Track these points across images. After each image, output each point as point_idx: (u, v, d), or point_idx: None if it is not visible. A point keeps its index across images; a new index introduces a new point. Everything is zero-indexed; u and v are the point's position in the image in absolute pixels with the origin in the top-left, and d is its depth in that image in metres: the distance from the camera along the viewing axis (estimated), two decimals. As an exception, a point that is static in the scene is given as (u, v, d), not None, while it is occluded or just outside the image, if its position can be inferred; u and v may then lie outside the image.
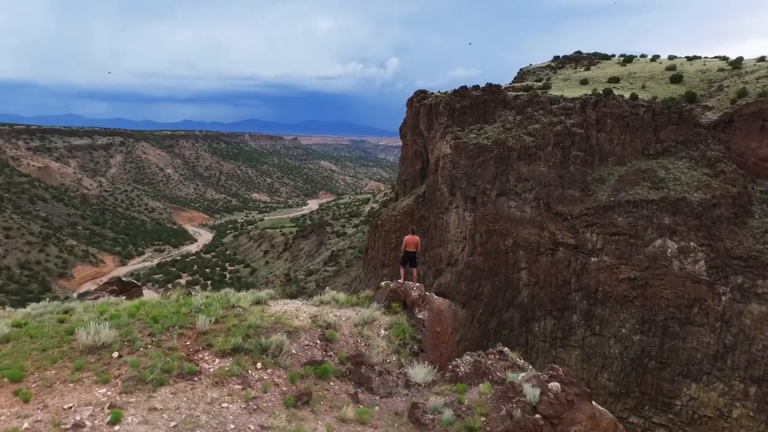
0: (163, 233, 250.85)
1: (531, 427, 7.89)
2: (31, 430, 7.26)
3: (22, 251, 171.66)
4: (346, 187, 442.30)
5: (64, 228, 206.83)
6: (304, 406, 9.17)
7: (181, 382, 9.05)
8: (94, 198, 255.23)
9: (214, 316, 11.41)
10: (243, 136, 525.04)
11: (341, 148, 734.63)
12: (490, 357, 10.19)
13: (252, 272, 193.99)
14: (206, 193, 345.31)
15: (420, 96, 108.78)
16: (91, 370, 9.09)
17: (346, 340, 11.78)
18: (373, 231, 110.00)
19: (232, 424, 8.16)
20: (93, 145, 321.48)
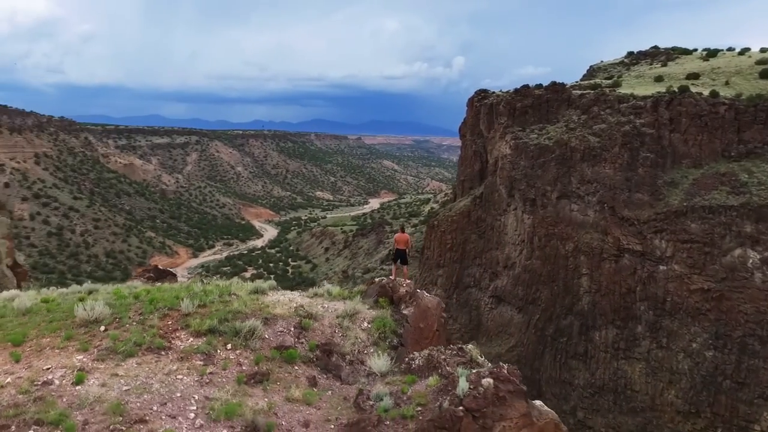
0: (232, 228, 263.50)
1: (449, 417, 7.96)
2: (10, 384, 8.34)
3: (108, 241, 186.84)
4: (408, 187, 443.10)
5: (144, 221, 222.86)
6: (257, 385, 9.67)
7: (148, 355, 9.90)
8: (171, 193, 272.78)
9: (203, 301, 12.20)
10: (309, 136, 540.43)
11: (404, 148, 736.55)
12: (445, 352, 10.11)
13: (313, 268, 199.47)
14: (273, 190, 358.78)
15: (480, 95, 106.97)
16: (78, 340, 10.18)
17: (323, 329, 12.17)
18: (429, 231, 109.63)
19: (179, 393, 8.82)
20: (172, 144, 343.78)
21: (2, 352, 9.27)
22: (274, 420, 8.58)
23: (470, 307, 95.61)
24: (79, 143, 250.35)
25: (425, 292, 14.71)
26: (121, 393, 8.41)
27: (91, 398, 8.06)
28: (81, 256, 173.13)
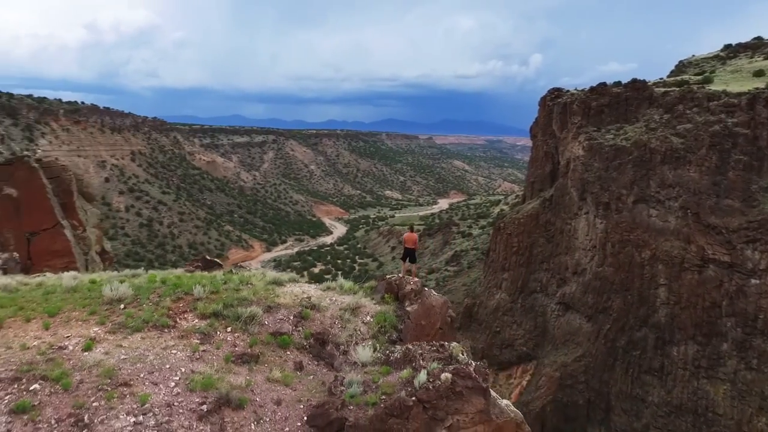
0: (304, 224, 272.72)
1: (399, 406, 8.20)
2: (34, 347, 9.68)
3: (191, 233, 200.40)
4: (478, 188, 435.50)
5: (223, 215, 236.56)
6: (244, 364, 10.30)
7: (153, 331, 10.94)
8: (249, 190, 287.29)
9: (216, 288, 13.02)
10: (380, 135, 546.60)
11: (476, 148, 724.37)
12: (424, 347, 10.07)
13: (379, 266, 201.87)
14: (344, 188, 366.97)
15: (553, 94, 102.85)
16: (99, 315, 11.47)
17: (323, 320, 12.61)
18: (496, 233, 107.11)
19: (168, 365, 9.63)
20: (251, 143, 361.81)
21: (38, 321, 10.81)
22: (249, 396, 9.23)
23: (536, 313, 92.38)
24: (169, 142, 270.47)
25: (433, 291, 14.82)
26: (118, 361, 9.49)
27: (91, 363, 9.21)
28: (167, 246, 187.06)
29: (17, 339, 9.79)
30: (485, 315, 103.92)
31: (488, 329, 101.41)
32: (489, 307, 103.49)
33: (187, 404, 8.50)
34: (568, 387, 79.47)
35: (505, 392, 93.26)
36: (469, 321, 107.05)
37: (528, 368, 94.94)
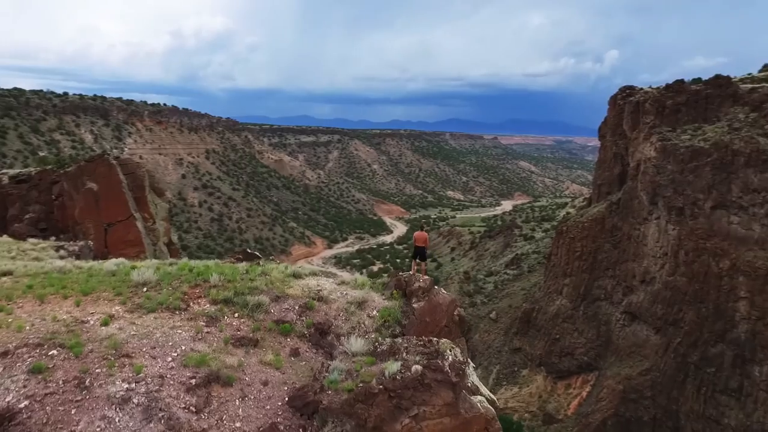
0: (365, 223, 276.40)
1: (365, 392, 8.53)
2: (62, 320, 10.80)
3: (258, 228, 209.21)
4: (545, 190, 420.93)
5: (288, 212, 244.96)
6: (241, 347, 10.84)
7: (166, 312, 11.81)
8: (313, 188, 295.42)
9: (233, 276, 13.76)
10: (444, 135, 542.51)
11: (543, 149, 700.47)
12: (410, 342, 10.05)
13: (437, 267, 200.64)
14: (405, 188, 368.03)
15: (625, 92, 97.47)
16: (123, 296, 12.52)
17: (327, 311, 12.97)
18: (558, 237, 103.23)
19: (171, 342, 10.44)
20: (317, 142, 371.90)
21: (73, 299, 12.08)
22: (239, 375, 9.82)
23: (599, 322, 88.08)
24: (240, 141, 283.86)
25: (442, 290, 14.86)
26: (128, 336, 10.40)
27: (103, 336, 10.19)
28: (235, 240, 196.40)
29: (52, 312, 11.07)
30: (544, 321, 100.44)
31: (547, 336, 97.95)
32: (548, 313, 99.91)
33: (178, 377, 9.26)
34: (632, 402, 75.12)
35: (563, 402, 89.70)
36: (527, 326, 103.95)
37: (588, 379, 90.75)
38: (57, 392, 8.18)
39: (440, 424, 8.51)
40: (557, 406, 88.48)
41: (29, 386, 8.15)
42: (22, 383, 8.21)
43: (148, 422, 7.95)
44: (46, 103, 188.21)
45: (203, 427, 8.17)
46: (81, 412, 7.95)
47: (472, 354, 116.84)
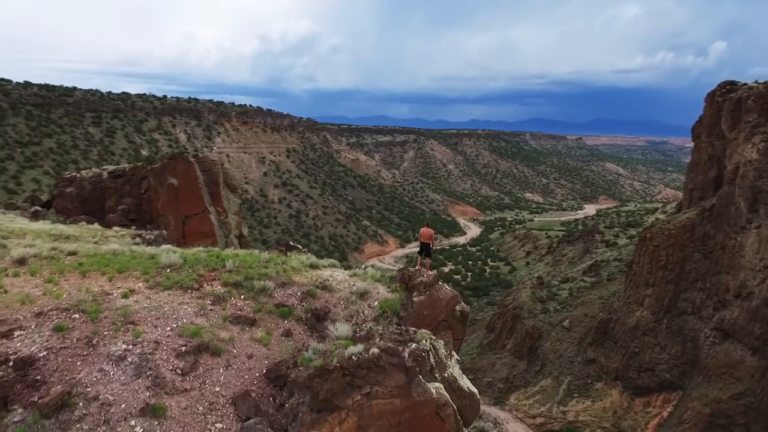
0: (438, 223, 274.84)
1: (322, 368, 9.03)
2: (93, 291, 12.19)
3: (332, 226, 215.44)
4: (633, 194, 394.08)
5: (362, 210, 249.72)
6: (237, 324, 11.67)
7: (178, 290, 12.92)
8: (387, 187, 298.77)
9: (248, 263, 14.87)
10: (524, 135, 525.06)
11: (634, 150, 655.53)
12: (387, 330, 10.11)
13: (511, 271, 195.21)
14: (481, 189, 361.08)
15: (725, 88, 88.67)
16: (149, 275, 13.77)
17: (328, 299, 13.57)
18: (641, 244, 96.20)
19: (174, 315, 11.43)
20: (393, 142, 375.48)
21: (108, 275, 13.57)
22: (228, 347, 10.71)
23: (684, 337, 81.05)
24: (319, 140, 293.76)
25: (446, 286, 14.99)
26: (139, 307, 11.53)
27: (119, 306, 11.42)
28: (311, 237, 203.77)
29: (87, 285, 12.56)
30: (622, 333, 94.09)
31: (624, 348, 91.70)
32: (627, 324, 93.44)
33: (172, 344, 10.25)
34: (721, 427, 68.33)
35: (641, 420, 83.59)
36: (603, 337, 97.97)
37: (671, 398, 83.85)
38: (69, 347, 9.51)
39: (390, 404, 8.86)
40: (633, 425, 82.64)
41: (50, 341, 9.56)
42: (45, 338, 9.61)
43: (137, 378, 8.99)
44: (148, 106, 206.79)
45: (186, 388, 9.09)
46: (84, 364, 9.19)
47: (542, 362, 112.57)
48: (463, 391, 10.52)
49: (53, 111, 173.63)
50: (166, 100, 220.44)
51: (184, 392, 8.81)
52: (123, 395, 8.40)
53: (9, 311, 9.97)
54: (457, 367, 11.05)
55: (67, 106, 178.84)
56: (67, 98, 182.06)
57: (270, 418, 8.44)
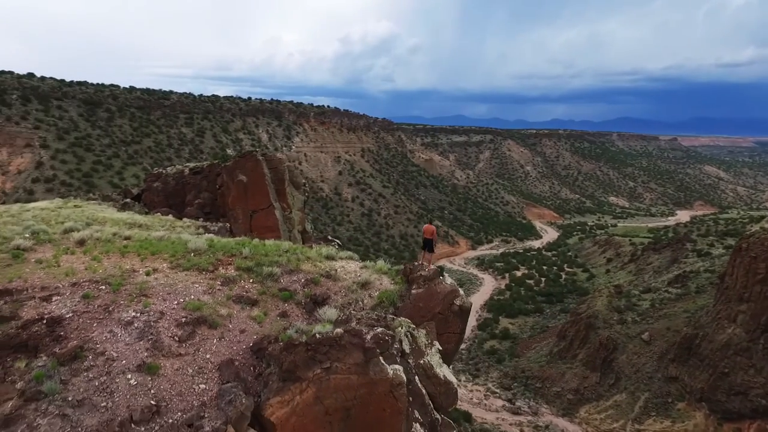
0: (512, 226, 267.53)
1: (289, 343, 10.09)
2: (124, 269, 13.83)
3: (403, 225, 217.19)
4: (736, 200, 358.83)
5: (434, 211, 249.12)
6: (239, 303, 12.80)
7: (195, 271, 14.30)
8: (461, 188, 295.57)
9: (264, 251, 16.17)
10: (610, 136, 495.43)
11: (739, 152, 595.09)
12: (364, 315, 10.54)
13: (589, 278, 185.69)
14: (560, 192, 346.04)
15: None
16: (174, 257, 15.28)
17: (329, 287, 14.36)
18: (735, 255, 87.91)
19: (185, 292, 12.78)
20: (468, 142, 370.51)
21: (141, 256, 15.28)
22: (224, 322, 11.85)
23: (782, 360, 72.92)
24: (394, 140, 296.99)
25: (446, 280, 15.02)
26: (156, 283, 12.95)
27: (139, 281, 12.88)
28: (382, 235, 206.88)
29: (121, 263, 14.31)
30: (710, 351, 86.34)
31: (712, 368, 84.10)
32: (716, 342, 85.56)
33: (174, 315, 11.58)
34: (822, 463, 60.76)
35: (727, 448, 76.34)
36: (687, 354, 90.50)
37: (766, 426, 75.81)
38: (90, 311, 11.13)
39: (347, 379, 9.49)
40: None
41: (77, 305, 11.29)
42: (74, 303, 11.36)
43: (139, 340, 10.38)
44: (234, 107, 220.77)
45: (180, 353, 10.30)
46: (99, 326, 10.74)
47: (617, 376, 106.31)
48: (438, 378, 10.86)
49: (152, 113, 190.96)
50: (251, 102, 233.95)
51: (178, 356, 10.02)
52: (125, 353, 9.78)
53: (54, 281, 11.83)
54: (436, 357, 11.36)
55: (164, 108, 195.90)
56: (164, 101, 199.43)
57: (246, 384, 9.39)
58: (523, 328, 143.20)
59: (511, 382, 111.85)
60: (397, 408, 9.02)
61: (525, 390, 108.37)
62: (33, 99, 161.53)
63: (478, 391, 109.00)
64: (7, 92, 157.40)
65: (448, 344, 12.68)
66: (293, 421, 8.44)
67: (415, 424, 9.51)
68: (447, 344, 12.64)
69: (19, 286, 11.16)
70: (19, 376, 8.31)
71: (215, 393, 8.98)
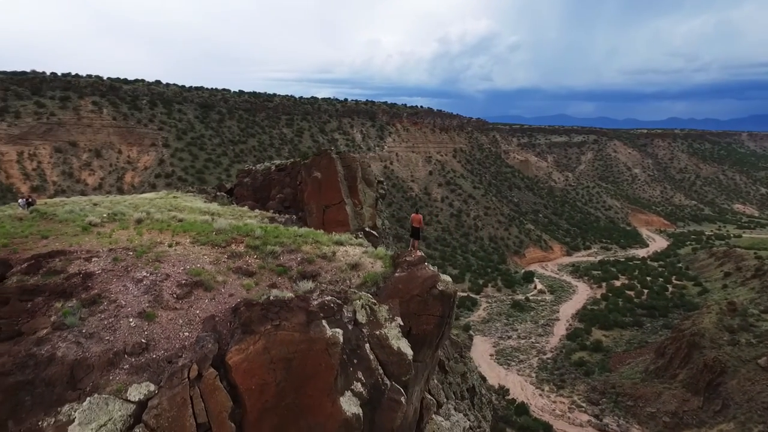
0: (614, 232, 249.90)
1: (247, 302, 11.75)
2: (154, 241, 16.03)
3: (493, 227, 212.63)
4: None
5: (527, 213, 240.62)
6: (236, 273, 14.48)
7: (209, 246, 16.26)
8: (558, 190, 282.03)
9: (275, 234, 17.92)
10: (739, 135, 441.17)
11: None
12: (329, 287, 12.96)
13: (701, 293, 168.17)
14: (674, 197, 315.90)
15: None
16: (200, 235, 17.37)
17: (322, 266, 15.65)
18: None
19: (194, 261, 14.63)
20: (569, 143, 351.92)
21: (173, 232, 17.50)
22: (218, 287, 13.70)
23: None
24: (488, 141, 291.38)
25: (429, 267, 15.76)
26: (173, 253, 15.09)
27: (160, 251, 15.12)
28: (470, 237, 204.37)
29: (153, 237, 16.76)
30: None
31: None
32: None
33: (176, 277, 13.63)
34: None
35: None
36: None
37: None
38: (114, 270, 13.49)
39: (291, 335, 10.86)
40: None
41: (107, 265, 13.76)
42: (105, 263, 13.85)
43: (145, 294, 12.51)
44: (331, 108, 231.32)
45: (176, 307, 12.29)
46: (116, 281, 13.05)
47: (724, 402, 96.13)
48: (391, 348, 11.77)
49: (257, 114, 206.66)
50: (347, 103, 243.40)
51: (173, 309, 11.95)
52: (131, 302, 11.92)
53: (99, 247, 14.46)
54: (394, 330, 12.26)
55: (267, 110, 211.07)
56: (268, 103, 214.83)
57: (221, 336, 10.98)
58: (618, 341, 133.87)
59: (599, 397, 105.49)
60: (331, 364, 10.22)
61: (614, 407, 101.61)
62: (159, 103, 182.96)
63: (561, 403, 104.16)
64: (138, 98, 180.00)
65: (428, 325, 13.39)
66: (245, 366, 10.00)
67: (356, 382, 10.67)
68: (426, 324, 13.37)
69: (74, 249, 13.86)
70: (54, 312, 10.85)
71: (194, 340, 10.85)
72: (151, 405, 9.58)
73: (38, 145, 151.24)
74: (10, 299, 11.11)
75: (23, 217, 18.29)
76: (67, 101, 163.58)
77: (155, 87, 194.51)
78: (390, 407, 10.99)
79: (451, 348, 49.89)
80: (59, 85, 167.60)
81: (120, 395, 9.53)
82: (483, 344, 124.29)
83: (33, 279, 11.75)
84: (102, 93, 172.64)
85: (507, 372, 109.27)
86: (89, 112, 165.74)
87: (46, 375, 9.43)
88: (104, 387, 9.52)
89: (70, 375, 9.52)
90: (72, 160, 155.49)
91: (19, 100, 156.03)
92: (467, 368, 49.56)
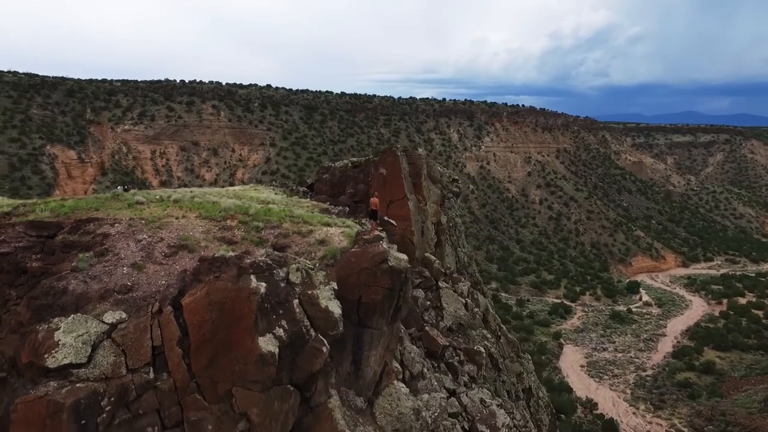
0: (745, 243, 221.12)
1: (204, 258, 14.10)
2: (169, 216, 18.52)
3: (596, 232, 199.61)
4: None
5: (638, 219, 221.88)
6: (219, 241, 16.57)
7: (206, 219, 18.55)
8: (677, 196, 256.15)
9: (268, 212, 19.92)
10: None
11: None
12: (276, 255, 15.45)
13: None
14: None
15: None
16: (206, 211, 19.53)
17: (294, 240, 17.45)
18: None
19: (190, 228, 16.96)
20: (693, 143, 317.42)
21: (190, 210, 19.81)
22: (199, 250, 15.93)
23: None
24: (596, 141, 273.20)
25: (383, 244, 16.97)
26: (176, 223, 17.51)
27: (165, 221, 17.65)
28: (570, 242, 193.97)
29: (172, 213, 19.20)
30: None
31: None
32: None
33: (168, 240, 16.16)
34: None
35: None
36: None
37: None
38: (125, 233, 16.38)
39: (225, 285, 13.17)
40: None
41: (122, 229, 16.73)
42: (120, 228, 16.84)
43: (140, 251, 15.27)
44: (428, 108, 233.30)
45: (162, 262, 14.91)
46: (123, 240, 15.93)
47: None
48: (319, 307, 13.58)
49: (357, 115, 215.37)
50: (444, 103, 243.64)
51: (160, 264, 14.49)
52: (128, 256, 14.67)
53: (124, 216, 17.50)
54: (326, 292, 14.01)
55: (366, 111, 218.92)
56: (367, 104, 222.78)
57: (185, 284, 13.49)
58: (737, 365, 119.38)
59: (705, 424, 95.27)
60: (251, 308, 12.32)
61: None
62: (268, 106, 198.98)
63: (659, 425, 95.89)
64: (251, 101, 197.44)
65: (376, 295, 14.83)
66: (191, 306, 12.50)
67: (278, 328, 12.67)
68: (375, 295, 14.81)
69: (107, 217, 17.04)
70: (75, 260, 14.28)
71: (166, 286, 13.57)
72: (120, 327, 12.57)
73: (167, 145, 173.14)
74: (56, 251, 14.81)
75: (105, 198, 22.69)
76: (191, 105, 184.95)
77: (266, 90, 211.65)
78: (312, 353, 12.86)
79: (508, 347, 49.53)
80: (186, 90, 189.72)
81: (98, 317, 12.58)
82: (574, 354, 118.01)
83: (72, 237, 15.25)
84: (221, 97, 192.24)
85: (598, 385, 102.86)
86: (209, 114, 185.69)
87: (61, 302, 12.81)
88: (91, 312, 12.59)
89: (76, 303, 12.81)
90: (194, 158, 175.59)
91: (154, 105, 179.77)
92: (524, 369, 48.85)
